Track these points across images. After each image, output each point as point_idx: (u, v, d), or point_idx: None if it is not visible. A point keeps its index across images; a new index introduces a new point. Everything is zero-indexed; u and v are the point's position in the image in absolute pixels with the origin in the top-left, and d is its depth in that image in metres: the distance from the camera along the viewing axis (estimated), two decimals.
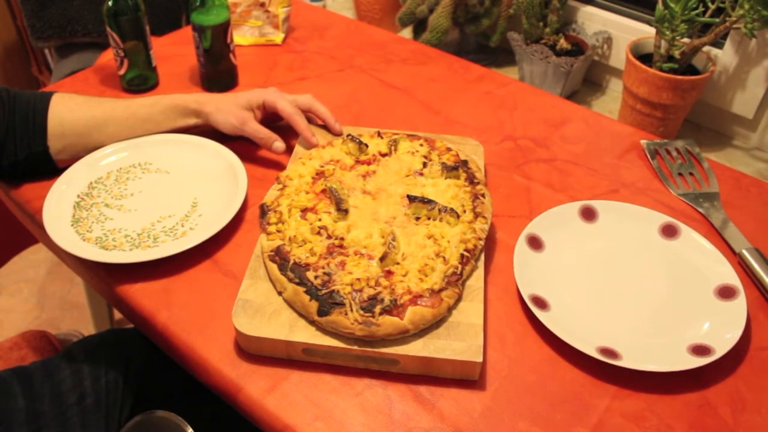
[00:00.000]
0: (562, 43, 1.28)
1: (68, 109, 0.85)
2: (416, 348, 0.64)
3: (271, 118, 0.93)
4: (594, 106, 1.32)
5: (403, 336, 0.65)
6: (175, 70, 1.12)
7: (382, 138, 0.88)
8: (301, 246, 0.72)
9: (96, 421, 0.82)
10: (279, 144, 0.89)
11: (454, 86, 1.11)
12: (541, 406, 0.63)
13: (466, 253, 0.71)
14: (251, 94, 0.90)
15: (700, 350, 0.66)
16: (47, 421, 0.80)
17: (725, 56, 1.15)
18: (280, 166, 0.91)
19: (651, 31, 1.12)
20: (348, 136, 0.87)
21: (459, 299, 0.69)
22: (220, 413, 0.81)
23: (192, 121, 0.90)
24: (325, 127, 0.95)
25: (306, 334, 0.66)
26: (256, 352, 0.67)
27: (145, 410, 0.81)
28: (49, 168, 0.86)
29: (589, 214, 0.82)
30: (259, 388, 0.64)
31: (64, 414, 0.81)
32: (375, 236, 0.73)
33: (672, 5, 1.01)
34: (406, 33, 1.46)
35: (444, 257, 0.70)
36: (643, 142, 0.98)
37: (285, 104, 0.90)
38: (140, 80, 1.07)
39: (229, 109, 0.89)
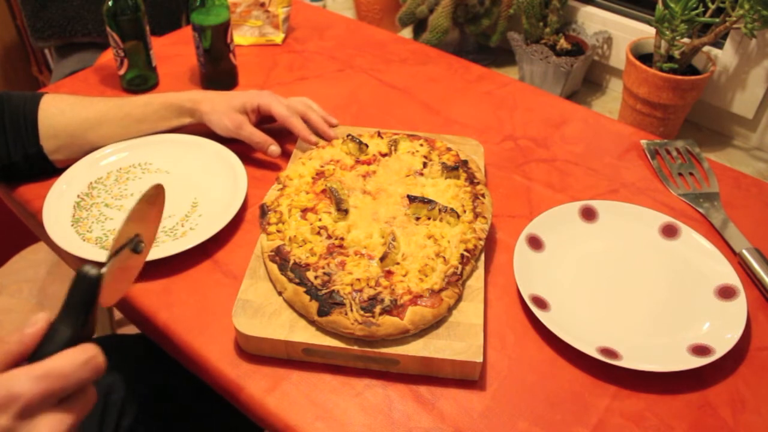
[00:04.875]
0: (562, 43, 1.28)
1: (60, 111, 0.85)
2: (416, 348, 0.64)
3: (266, 119, 0.93)
4: (594, 106, 1.32)
5: (403, 336, 0.65)
6: (175, 70, 1.12)
7: (382, 138, 0.88)
8: (301, 246, 0.72)
9: (89, 425, 0.81)
10: (274, 148, 0.89)
11: (454, 86, 1.11)
12: (541, 406, 0.63)
13: (466, 253, 0.71)
14: (246, 97, 0.90)
15: (700, 350, 0.66)
16: None
17: (725, 56, 1.15)
18: (280, 166, 0.91)
19: (651, 31, 1.12)
20: (348, 136, 0.87)
21: (459, 299, 0.69)
22: (226, 421, 0.81)
23: (186, 120, 0.90)
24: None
25: (306, 334, 0.66)
26: (256, 352, 0.67)
27: (146, 413, 0.81)
28: (48, 169, 0.86)
29: (589, 214, 0.82)
30: (259, 388, 0.64)
31: None
32: (375, 236, 0.73)
33: (672, 5, 1.01)
34: (406, 33, 1.46)
35: (444, 257, 0.70)
36: (643, 142, 0.98)
37: (280, 108, 0.89)
38: (140, 80, 1.07)
39: (224, 111, 0.88)
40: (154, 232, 0.54)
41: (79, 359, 0.43)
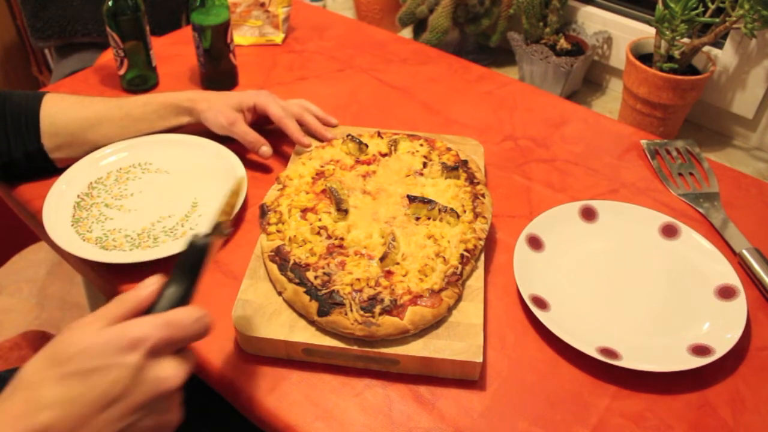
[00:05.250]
0: (562, 43, 1.28)
1: (60, 110, 0.85)
2: (416, 348, 0.64)
3: (263, 121, 0.93)
4: (594, 106, 1.32)
5: (403, 336, 0.65)
6: (175, 70, 1.12)
7: (382, 138, 0.88)
8: (301, 246, 0.72)
9: None
10: (266, 149, 0.89)
11: (454, 86, 1.11)
12: (541, 406, 0.63)
13: (466, 253, 0.71)
14: (243, 96, 0.90)
15: (700, 350, 0.66)
16: None
17: (725, 56, 1.15)
18: (280, 166, 0.91)
19: (651, 31, 1.12)
20: (348, 136, 0.87)
21: (459, 299, 0.69)
22: (226, 421, 0.81)
23: (185, 119, 0.90)
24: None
25: (306, 335, 0.66)
26: (256, 352, 0.67)
27: None
28: (48, 168, 0.86)
29: (589, 214, 0.82)
30: (259, 388, 0.64)
31: None
32: (375, 236, 0.73)
33: (672, 5, 1.01)
34: (406, 33, 1.46)
35: (444, 257, 0.70)
36: (643, 142, 0.98)
37: (276, 108, 0.90)
38: (140, 80, 1.07)
39: (219, 108, 0.88)
40: (231, 217, 0.61)
41: (193, 315, 0.49)
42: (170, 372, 0.46)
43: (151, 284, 0.51)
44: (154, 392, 0.45)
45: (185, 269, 0.52)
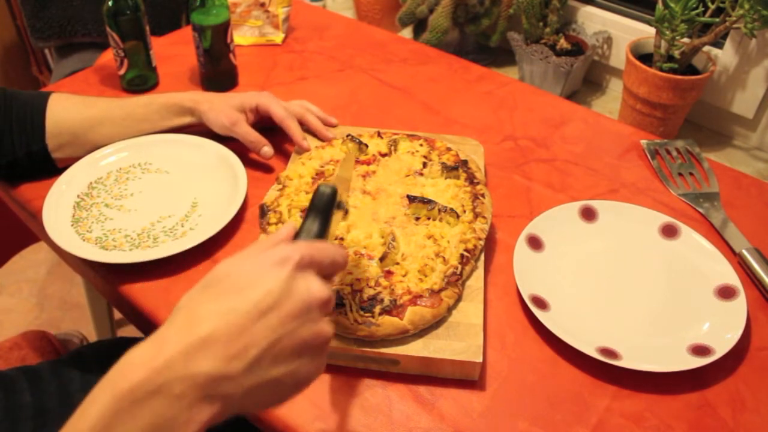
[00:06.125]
0: (562, 43, 1.28)
1: (64, 109, 0.86)
2: (416, 348, 0.64)
3: (265, 121, 0.93)
4: (594, 106, 1.32)
5: (403, 336, 0.65)
6: (175, 70, 1.12)
7: (382, 138, 0.88)
8: None
9: None
10: (267, 149, 0.89)
11: (454, 86, 1.11)
12: (541, 406, 0.63)
13: (466, 253, 0.71)
14: (245, 97, 0.90)
15: (700, 350, 0.66)
16: (54, 418, 0.79)
17: (725, 56, 1.15)
18: (280, 166, 0.91)
19: (651, 31, 1.12)
20: (348, 136, 0.87)
21: (459, 299, 0.69)
22: (226, 421, 0.81)
23: (187, 119, 0.91)
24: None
25: None
26: None
27: None
28: (49, 167, 0.86)
29: (589, 214, 0.82)
30: None
31: (71, 411, 0.81)
32: (375, 236, 0.73)
33: (672, 5, 1.01)
34: (406, 33, 1.46)
35: (444, 257, 0.70)
36: (643, 142, 0.98)
37: (278, 109, 0.90)
38: (140, 80, 1.07)
39: (221, 108, 0.89)
40: (348, 191, 0.63)
41: (330, 245, 0.52)
42: (317, 285, 0.48)
43: (287, 226, 0.54)
44: (305, 301, 0.47)
45: (316, 210, 0.55)
